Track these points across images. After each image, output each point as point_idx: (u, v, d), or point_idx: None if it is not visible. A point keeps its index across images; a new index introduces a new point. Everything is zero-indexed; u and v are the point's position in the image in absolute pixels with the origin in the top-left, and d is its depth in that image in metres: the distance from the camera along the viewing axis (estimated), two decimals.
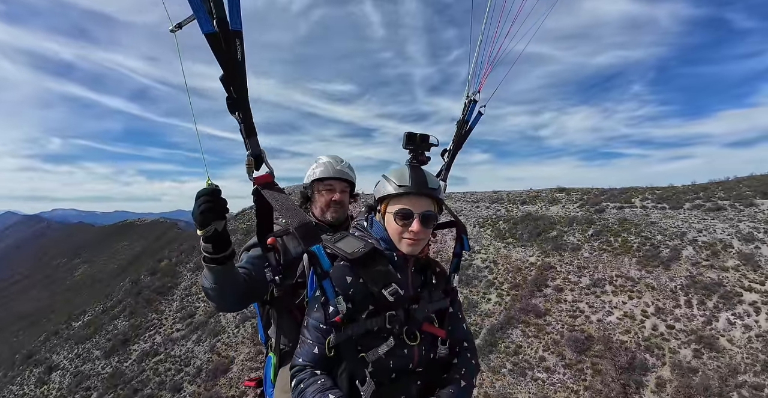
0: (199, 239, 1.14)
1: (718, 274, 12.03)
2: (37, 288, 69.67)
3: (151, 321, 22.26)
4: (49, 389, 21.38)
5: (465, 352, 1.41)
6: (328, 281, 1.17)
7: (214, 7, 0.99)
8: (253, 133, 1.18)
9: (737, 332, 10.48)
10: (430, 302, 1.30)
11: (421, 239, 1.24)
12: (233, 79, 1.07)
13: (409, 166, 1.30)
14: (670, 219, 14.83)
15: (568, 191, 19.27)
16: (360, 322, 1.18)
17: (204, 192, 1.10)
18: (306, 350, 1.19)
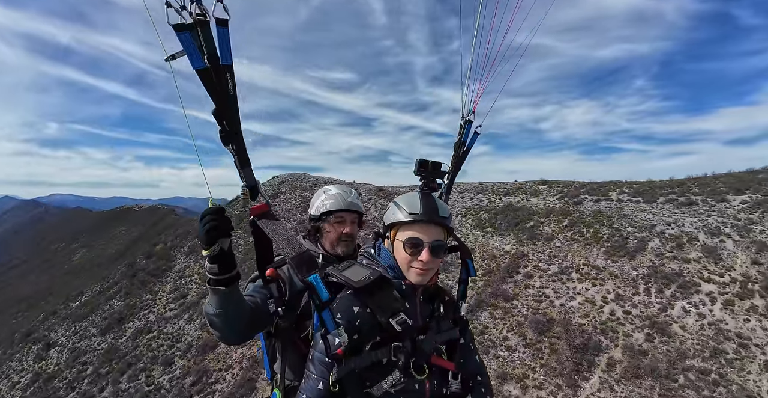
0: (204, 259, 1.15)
1: (679, 265, 12.88)
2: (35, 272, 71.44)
3: (146, 301, 23.44)
4: (47, 364, 22.64)
5: (479, 387, 1.35)
6: (328, 312, 1.15)
7: (204, 43, 1.03)
8: (247, 164, 1.21)
9: (691, 319, 11.38)
10: (438, 332, 1.27)
11: (430, 268, 1.23)
12: (225, 113, 1.10)
13: (420, 193, 1.30)
14: (642, 212, 15.63)
15: (550, 184, 20.06)
16: (364, 354, 1.15)
17: (208, 211, 1.11)
18: (311, 385, 1.15)
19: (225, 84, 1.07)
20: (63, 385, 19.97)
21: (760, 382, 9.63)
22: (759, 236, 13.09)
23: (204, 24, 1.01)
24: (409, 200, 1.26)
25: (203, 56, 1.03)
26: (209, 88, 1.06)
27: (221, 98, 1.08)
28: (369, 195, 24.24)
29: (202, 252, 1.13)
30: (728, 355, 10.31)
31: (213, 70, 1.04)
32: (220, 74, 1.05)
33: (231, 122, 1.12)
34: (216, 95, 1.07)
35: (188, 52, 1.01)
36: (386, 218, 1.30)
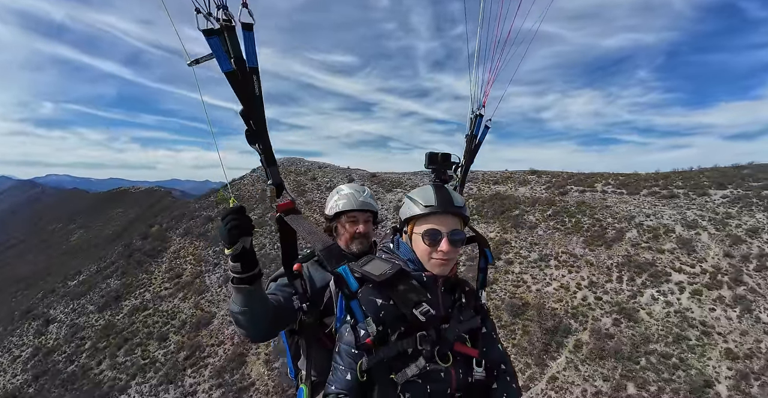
0: (227, 260, 1.17)
1: (653, 255, 13.53)
2: (33, 252, 72.68)
3: (141, 281, 24.31)
4: (47, 339, 23.69)
5: (504, 376, 1.38)
6: (356, 303, 1.19)
7: (231, 47, 1.07)
8: (273, 163, 1.25)
9: (658, 307, 12.10)
10: (460, 321, 1.30)
11: (451, 258, 1.25)
12: (252, 113, 1.15)
13: (433, 185, 1.33)
14: (624, 204, 16.19)
15: (539, 174, 20.55)
16: (391, 344, 1.18)
17: (230, 211, 1.14)
18: (339, 377, 1.18)
19: (252, 86, 1.13)
20: (62, 359, 21.02)
21: (719, 368, 10.40)
22: (735, 230, 13.68)
23: (231, 29, 1.07)
24: (423, 193, 1.30)
25: (230, 60, 1.08)
26: (237, 90, 1.11)
27: (248, 99, 1.13)
28: (362, 181, 24.77)
29: (225, 251, 1.16)
30: (691, 341, 11.06)
31: (240, 73, 1.10)
32: (247, 77, 1.11)
33: (257, 121, 1.17)
34: (243, 97, 1.13)
35: (217, 55, 1.06)
36: (402, 213, 1.34)
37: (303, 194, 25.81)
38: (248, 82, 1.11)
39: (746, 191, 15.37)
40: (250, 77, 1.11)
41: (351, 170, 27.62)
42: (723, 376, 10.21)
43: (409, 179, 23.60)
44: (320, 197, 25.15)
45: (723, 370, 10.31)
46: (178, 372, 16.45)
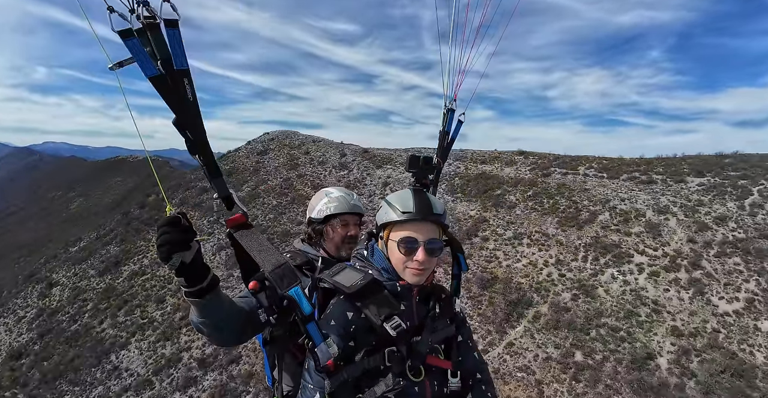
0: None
1: (620, 237, 14.54)
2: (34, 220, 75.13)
3: (140, 248, 25.85)
4: (50, 301, 25.55)
5: (479, 385, 1.37)
6: (313, 325, 1.16)
7: (156, 48, 0.98)
8: (217, 174, 1.18)
9: (615, 285, 13.25)
10: (433, 331, 1.29)
11: (426, 268, 1.23)
12: (186, 122, 1.06)
13: (413, 190, 1.31)
14: (603, 188, 17.02)
15: (527, 155, 21.25)
16: (357, 363, 1.17)
17: (162, 223, 1.05)
18: (308, 395, 1.18)
19: (183, 90, 1.03)
20: (66, 318, 22.90)
21: (663, 343, 11.65)
22: (703, 218, 14.57)
23: (154, 27, 0.98)
24: (402, 198, 1.27)
25: (155, 62, 0.99)
26: (166, 97, 1.02)
27: (181, 107, 1.04)
28: (354, 156, 25.60)
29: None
30: (640, 318, 12.28)
31: (168, 77, 1.01)
32: (176, 80, 1.02)
33: (194, 130, 1.09)
34: (174, 104, 1.03)
35: (138, 59, 0.97)
36: (378, 217, 1.31)
37: (296, 168, 26.74)
38: (179, 86, 1.03)
39: (723, 180, 16.11)
40: (180, 81, 1.03)
41: (344, 145, 28.36)
42: (666, 351, 11.47)
43: (400, 156, 24.38)
44: (312, 171, 26.08)
45: (666, 345, 11.56)
46: (174, 330, 18.15)
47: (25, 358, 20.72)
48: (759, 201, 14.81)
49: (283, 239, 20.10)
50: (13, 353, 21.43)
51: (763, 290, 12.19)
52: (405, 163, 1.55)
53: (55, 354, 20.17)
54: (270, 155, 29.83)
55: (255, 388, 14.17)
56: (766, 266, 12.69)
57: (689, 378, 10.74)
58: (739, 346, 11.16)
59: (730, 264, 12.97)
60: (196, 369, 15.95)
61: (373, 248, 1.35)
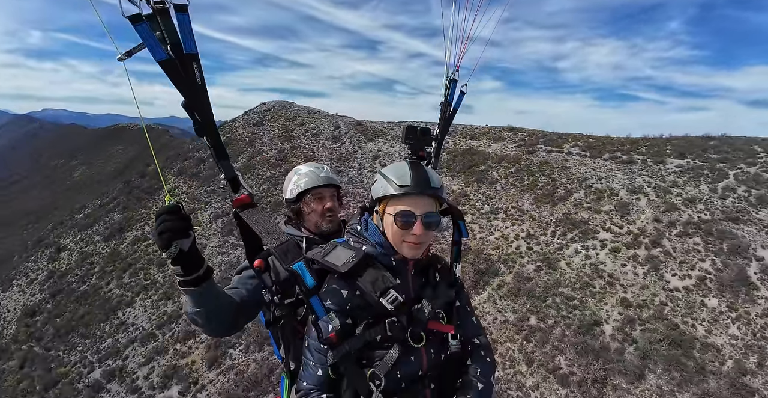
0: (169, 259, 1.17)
1: (589, 215, 15.78)
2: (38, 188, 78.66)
3: (141, 215, 27.94)
4: (59, 264, 28.07)
5: (478, 350, 1.45)
6: (316, 299, 1.24)
7: (166, 32, 1.05)
8: (224, 156, 1.28)
9: (577, 259, 14.65)
10: (434, 298, 1.34)
11: (423, 242, 1.29)
12: (195, 105, 1.15)
13: (409, 163, 1.34)
14: (583, 166, 18.06)
15: (516, 131, 22.14)
16: (358, 335, 1.24)
17: (162, 211, 1.12)
18: (309, 373, 1.26)
19: (192, 74, 1.10)
20: (75, 280, 25.40)
21: (611, 312, 13.16)
22: (674, 198, 15.64)
23: (163, 12, 1.03)
24: (398, 171, 1.30)
25: (165, 47, 1.05)
26: (175, 81, 1.09)
27: (190, 90, 1.11)
28: (347, 129, 26.74)
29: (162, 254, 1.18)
30: (594, 289, 13.77)
31: (178, 61, 1.07)
32: (186, 64, 1.09)
33: (203, 113, 1.16)
34: (183, 87, 1.10)
35: (148, 44, 1.03)
36: (374, 191, 1.34)
37: (290, 140, 28.00)
38: (188, 70, 1.10)
39: (702, 162, 16.96)
40: (189, 65, 1.10)
41: (339, 117, 29.36)
42: (612, 319, 13.01)
43: (392, 129, 25.41)
44: (305, 143, 27.34)
45: (614, 315, 13.10)
46: (175, 290, 20.36)
47: (38, 315, 23.42)
48: (732, 185, 15.77)
49: (276, 208, 21.77)
50: (27, 311, 24.13)
51: (717, 270, 13.49)
52: (401, 134, 1.55)
53: (66, 311, 22.76)
54: (265, 126, 31.02)
55: (246, 341, 16.32)
56: (724, 248, 13.91)
57: (630, 344, 12.35)
58: (682, 319, 12.65)
59: (690, 244, 14.21)
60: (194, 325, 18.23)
61: (367, 223, 1.39)
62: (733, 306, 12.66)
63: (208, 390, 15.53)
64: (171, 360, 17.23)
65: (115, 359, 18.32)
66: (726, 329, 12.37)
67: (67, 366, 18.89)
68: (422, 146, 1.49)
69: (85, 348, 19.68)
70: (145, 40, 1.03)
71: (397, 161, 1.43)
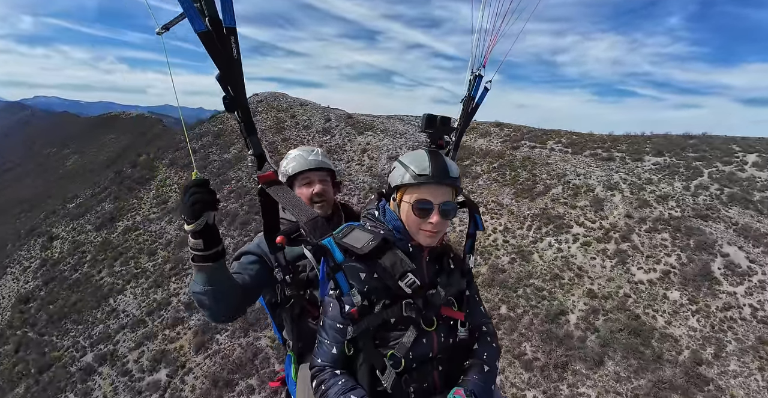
0: (188, 237, 1.26)
1: (565, 210, 16.71)
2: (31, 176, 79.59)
3: (132, 205, 28.96)
4: (52, 253, 29.14)
5: (485, 336, 1.56)
6: (342, 275, 1.31)
7: (206, 5, 1.09)
8: (253, 132, 1.32)
9: (550, 252, 15.62)
10: (447, 285, 1.44)
11: (440, 231, 1.36)
12: (230, 78, 1.19)
13: (428, 151, 1.39)
14: (564, 162, 18.93)
15: (502, 127, 22.96)
16: (376, 313, 1.33)
17: (191, 184, 1.22)
18: (324, 350, 1.35)
19: (229, 48, 1.14)
20: (67, 268, 26.49)
21: (577, 303, 14.17)
22: (647, 195, 16.54)
23: None
24: (417, 159, 1.35)
25: (204, 19, 1.08)
26: (212, 54, 1.11)
27: (225, 63, 1.15)
28: (338, 122, 27.57)
29: (185, 227, 1.23)
30: (563, 280, 14.76)
31: (216, 35, 1.10)
32: (223, 38, 1.12)
33: (236, 87, 1.20)
34: (220, 60, 1.13)
35: (189, 14, 1.06)
36: (392, 178, 1.41)
37: (281, 132, 28.85)
38: (225, 44, 1.13)
39: (679, 160, 17.82)
40: (227, 39, 1.13)
41: (330, 110, 30.15)
42: (578, 309, 14.02)
43: (382, 123, 26.22)
44: (296, 135, 28.21)
45: (580, 305, 14.11)
46: (164, 279, 21.45)
47: (32, 302, 24.55)
48: (706, 183, 16.67)
49: None
50: (21, 298, 25.26)
51: (682, 265, 14.46)
52: (421, 122, 1.58)
53: (59, 298, 23.88)
54: (257, 117, 31.79)
55: (232, 326, 17.42)
56: (691, 244, 14.87)
57: (592, 333, 13.39)
58: (644, 310, 13.66)
59: (658, 239, 15.16)
60: (183, 311, 19.30)
61: (384, 209, 1.46)
62: (694, 300, 13.66)
63: (194, 373, 16.66)
64: (160, 345, 18.35)
65: (107, 344, 19.44)
66: (685, 321, 13.39)
67: (60, 350, 20.04)
68: (441, 135, 1.56)
69: (77, 334, 20.81)
70: (186, 10, 1.07)
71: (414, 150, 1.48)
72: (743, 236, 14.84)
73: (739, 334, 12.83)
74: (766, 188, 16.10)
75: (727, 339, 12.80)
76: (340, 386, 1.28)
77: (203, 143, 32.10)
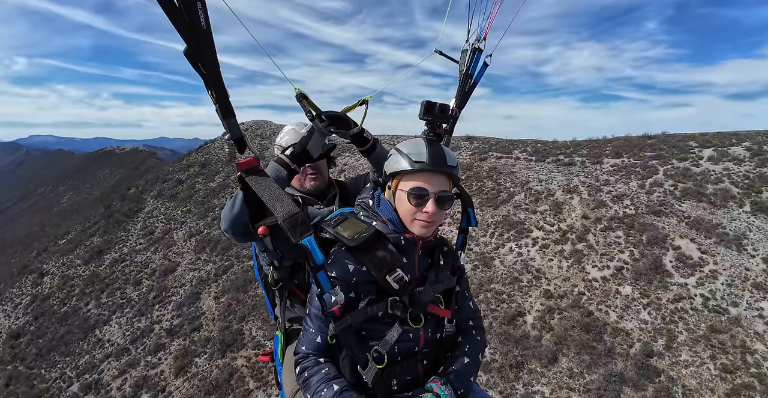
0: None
1: (526, 215, 18.24)
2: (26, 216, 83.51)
3: (120, 237, 31.12)
4: (42, 288, 31.20)
5: (470, 330, 1.65)
6: (323, 274, 1.36)
7: None
8: (231, 114, 1.24)
9: (510, 256, 17.07)
10: (436, 282, 1.49)
11: (435, 220, 1.40)
12: (199, 53, 1.09)
13: (426, 139, 1.43)
14: (528, 170, 20.59)
15: (472, 140, 24.83)
16: (360, 310, 1.37)
17: None
18: (309, 338, 1.42)
19: (195, 17, 1.03)
20: (57, 302, 28.42)
21: (534, 303, 15.45)
22: (604, 196, 18.04)
23: None
24: (414, 147, 1.39)
25: None
26: (175, 23, 1.01)
27: (192, 35, 1.05)
28: None
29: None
30: (522, 283, 16.12)
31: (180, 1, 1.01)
32: (189, 5, 1.02)
33: (207, 63, 1.11)
34: (185, 31, 1.03)
35: None
36: (387, 166, 1.44)
37: (264, 159, 31.01)
38: (191, 12, 1.03)
39: (636, 160, 19.39)
40: (192, 5, 1.03)
41: None
42: (534, 310, 15.31)
43: None
44: None
45: (537, 305, 15.41)
46: (148, 307, 23.17)
47: (23, 337, 26.36)
48: (660, 180, 18.16)
49: None
50: (12, 334, 27.10)
51: (634, 260, 15.79)
52: (420, 110, 1.51)
53: (48, 332, 25.67)
54: None
55: (210, 349, 18.92)
56: (644, 239, 16.24)
57: (547, 331, 14.67)
58: (597, 307, 14.92)
59: (612, 237, 16.56)
60: (164, 337, 20.88)
61: (380, 198, 1.52)
62: (646, 293, 14.89)
63: (174, 397, 18.07)
64: (142, 371, 19.84)
65: (92, 373, 20.98)
66: (637, 314, 14.59)
67: (48, 382, 21.61)
68: (440, 122, 1.56)
69: (64, 365, 22.42)
70: None
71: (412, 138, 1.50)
72: (695, 228, 16.17)
73: (690, 324, 13.95)
74: (719, 180, 17.51)
75: (678, 330, 13.93)
76: (323, 374, 1.35)
77: (190, 174, 34.62)
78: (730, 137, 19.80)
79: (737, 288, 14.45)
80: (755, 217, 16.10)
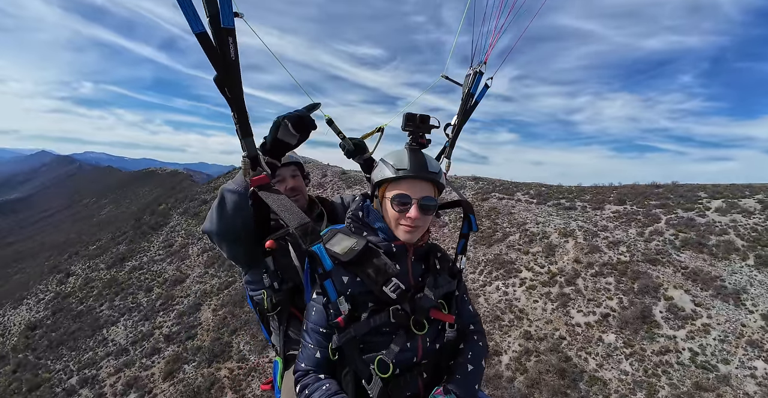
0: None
1: (518, 256, 18.94)
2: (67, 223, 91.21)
3: (143, 247, 33.99)
4: (65, 287, 34.18)
5: (471, 335, 1.69)
6: (330, 282, 1.39)
7: (207, 4, 1.18)
8: (249, 134, 1.43)
9: (496, 295, 17.67)
10: (436, 287, 1.54)
11: (419, 226, 1.47)
12: (227, 80, 1.30)
13: (409, 149, 1.53)
14: (527, 212, 21.42)
15: (478, 180, 26.01)
16: (363, 321, 1.41)
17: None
18: (308, 354, 1.44)
19: (227, 49, 1.22)
20: (75, 301, 31.05)
21: (512, 344, 15.80)
22: (600, 242, 18.52)
23: None
24: (397, 156, 1.50)
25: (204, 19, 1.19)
26: (210, 55, 1.21)
27: (223, 65, 1.24)
28: (332, 177, 32.09)
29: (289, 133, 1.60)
30: (503, 322, 16.60)
31: (213, 34, 1.19)
32: (222, 39, 1.21)
33: (233, 88, 1.31)
34: (217, 62, 1.23)
35: (186, 14, 1.13)
36: (374, 175, 1.55)
37: None
38: (223, 45, 1.22)
39: (639, 208, 19.84)
40: (225, 39, 1.22)
41: (328, 167, 35.06)
42: (512, 350, 15.64)
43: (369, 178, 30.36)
44: None
45: (515, 346, 15.77)
46: (154, 313, 25.08)
47: (38, 329, 28.84)
48: (661, 229, 18.48)
49: None
50: (30, 325, 29.71)
51: (622, 308, 16.01)
52: (402, 122, 1.61)
53: (61, 327, 28.00)
54: None
55: (199, 358, 20.24)
56: (635, 287, 16.49)
57: (521, 373, 14.95)
58: (576, 353, 15.11)
59: (602, 283, 16.90)
60: (161, 342, 22.46)
61: (369, 209, 1.61)
62: (630, 343, 14.96)
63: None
64: (135, 372, 21.31)
65: (91, 369, 22.68)
66: (618, 364, 14.62)
67: (52, 372, 23.49)
68: (422, 132, 1.62)
69: (69, 359, 24.32)
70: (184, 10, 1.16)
71: None
72: (692, 279, 16.21)
73: (674, 379, 13.78)
74: (723, 232, 17.56)
75: (661, 384, 13.80)
76: (324, 390, 1.38)
77: (214, 195, 37.74)
78: (743, 189, 19.87)
79: (730, 345, 14.25)
80: (758, 271, 15.93)
